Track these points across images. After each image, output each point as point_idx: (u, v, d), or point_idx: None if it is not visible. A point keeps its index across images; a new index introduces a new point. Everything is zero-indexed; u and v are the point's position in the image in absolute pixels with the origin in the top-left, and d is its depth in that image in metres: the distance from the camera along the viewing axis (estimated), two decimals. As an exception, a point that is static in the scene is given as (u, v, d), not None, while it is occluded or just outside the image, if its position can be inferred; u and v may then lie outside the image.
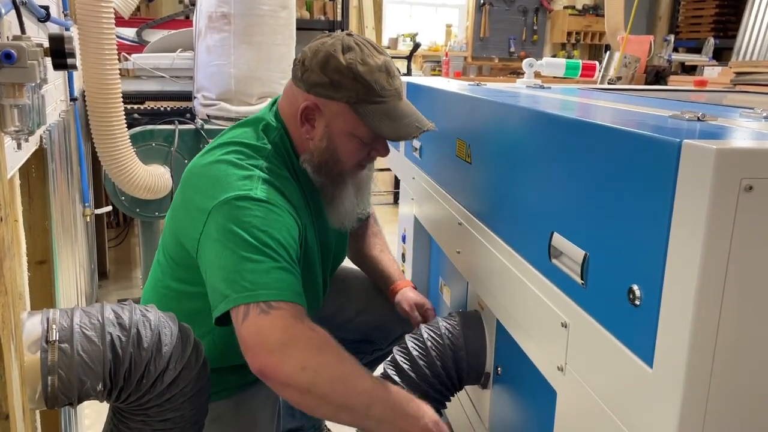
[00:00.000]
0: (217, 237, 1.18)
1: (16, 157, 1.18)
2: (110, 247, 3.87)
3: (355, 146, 1.34)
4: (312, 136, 1.35)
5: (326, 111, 1.31)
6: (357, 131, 1.32)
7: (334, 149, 1.34)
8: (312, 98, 1.31)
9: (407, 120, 1.32)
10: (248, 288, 1.13)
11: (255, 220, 1.18)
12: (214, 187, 1.24)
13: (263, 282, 1.13)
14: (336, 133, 1.33)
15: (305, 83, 1.32)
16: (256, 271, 1.14)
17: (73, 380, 1.10)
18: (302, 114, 1.33)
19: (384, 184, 5.74)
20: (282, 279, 1.15)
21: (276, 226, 1.20)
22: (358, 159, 1.38)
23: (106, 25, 2.12)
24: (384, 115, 1.30)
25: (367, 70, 1.28)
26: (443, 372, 1.45)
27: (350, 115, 1.30)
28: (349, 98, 1.29)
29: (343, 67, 1.27)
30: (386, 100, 1.30)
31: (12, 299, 0.89)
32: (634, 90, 2.23)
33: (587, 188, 0.89)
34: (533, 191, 1.09)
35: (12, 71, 0.88)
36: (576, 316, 0.91)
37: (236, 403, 1.51)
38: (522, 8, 7.23)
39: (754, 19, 4.07)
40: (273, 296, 1.12)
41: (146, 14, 5.03)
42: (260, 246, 1.16)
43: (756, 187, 0.65)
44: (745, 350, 0.69)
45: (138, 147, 2.62)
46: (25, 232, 1.40)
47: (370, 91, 1.28)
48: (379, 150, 1.39)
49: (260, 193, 1.21)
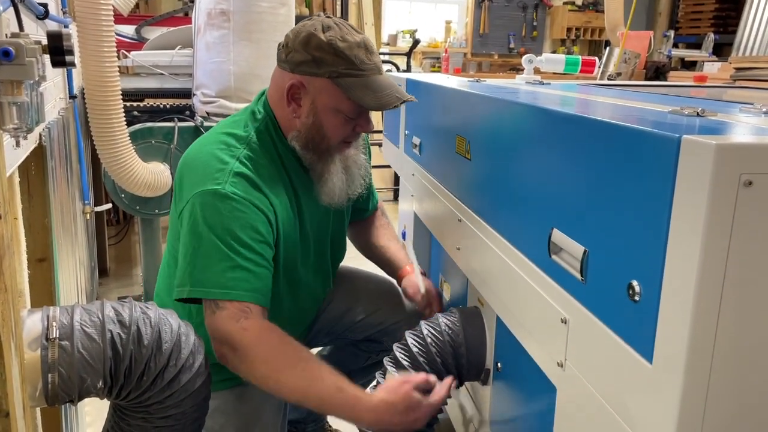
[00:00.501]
0: (188, 229, 1.31)
1: (15, 154, 1.18)
2: (110, 244, 3.87)
3: (339, 121, 1.40)
4: (299, 114, 1.41)
5: (311, 88, 1.37)
6: (340, 106, 1.38)
7: (320, 125, 1.40)
8: (297, 77, 1.38)
9: (388, 91, 1.38)
10: (204, 284, 1.28)
11: (218, 218, 1.28)
12: (191, 178, 1.35)
13: (216, 281, 1.27)
14: (321, 108, 1.38)
15: (289, 64, 1.38)
16: (212, 269, 1.27)
17: (73, 378, 1.10)
18: (288, 93, 1.39)
19: (384, 180, 5.74)
20: (234, 278, 1.27)
21: (238, 223, 1.29)
22: (344, 134, 1.43)
23: (105, 22, 2.11)
24: (365, 87, 1.36)
25: (347, 46, 1.34)
26: (443, 368, 1.45)
27: (333, 90, 1.36)
28: (331, 73, 1.35)
29: (324, 44, 1.33)
30: (366, 74, 1.36)
31: (12, 297, 0.89)
32: (634, 86, 2.23)
33: (587, 184, 0.89)
34: (533, 187, 1.09)
35: (10, 68, 0.88)
36: (576, 312, 0.91)
37: (238, 395, 1.52)
38: (521, 4, 7.22)
39: (754, 14, 4.07)
40: (223, 295, 1.27)
41: (145, 11, 5.03)
42: (221, 245, 1.27)
43: (755, 183, 0.65)
44: (745, 345, 0.69)
45: (137, 144, 2.62)
46: (25, 229, 1.40)
47: (350, 65, 1.34)
48: (362, 125, 1.44)
49: (228, 188, 1.30)
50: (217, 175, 1.32)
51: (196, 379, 1.21)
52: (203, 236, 1.28)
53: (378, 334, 1.74)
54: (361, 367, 1.83)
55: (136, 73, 3.16)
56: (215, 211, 1.29)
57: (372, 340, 1.76)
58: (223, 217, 1.28)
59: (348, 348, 1.82)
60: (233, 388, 1.52)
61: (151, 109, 3.03)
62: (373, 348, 1.79)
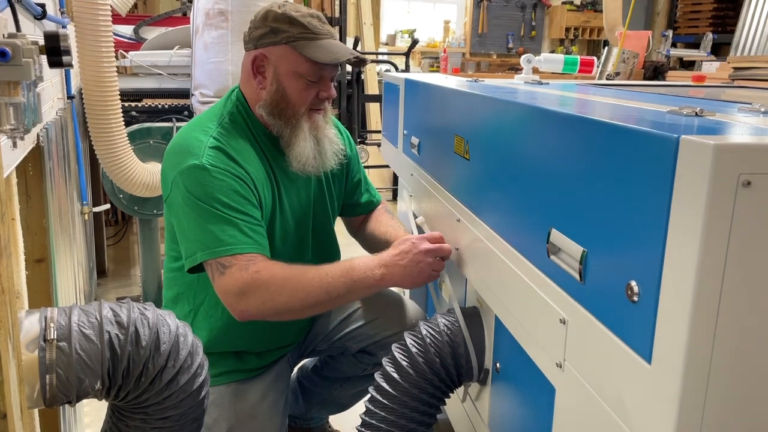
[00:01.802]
0: (180, 205, 1.40)
1: (12, 155, 1.18)
2: (109, 245, 3.87)
3: (301, 85, 1.49)
4: (264, 85, 1.51)
5: (272, 57, 1.49)
6: (300, 69, 1.48)
7: (284, 91, 1.49)
8: (259, 51, 1.49)
9: (342, 49, 1.49)
10: (208, 246, 1.36)
11: (203, 188, 1.38)
12: (172, 160, 1.45)
13: (220, 239, 1.36)
14: (283, 74, 1.49)
15: (252, 41, 1.50)
16: (212, 233, 1.36)
17: (71, 379, 1.10)
18: (253, 66, 1.50)
19: (383, 180, 5.74)
20: (232, 234, 1.37)
21: (222, 191, 1.38)
22: (307, 98, 1.51)
23: (103, 22, 2.11)
24: (320, 47, 1.47)
25: (300, 15, 1.47)
26: (442, 369, 1.45)
27: (292, 54, 1.47)
28: (288, 38, 1.46)
29: (279, 15, 1.47)
30: (320, 37, 1.48)
31: (9, 298, 0.89)
32: (633, 85, 2.23)
33: (585, 184, 0.89)
34: (531, 187, 1.09)
35: (6, 69, 0.88)
36: (574, 313, 0.91)
37: (234, 391, 1.54)
38: (520, 4, 7.22)
39: (752, 14, 4.07)
40: (226, 252, 1.36)
41: (143, 11, 5.03)
42: (213, 210, 1.37)
43: (754, 183, 0.65)
44: (743, 345, 0.69)
45: (136, 144, 2.62)
46: (23, 230, 1.40)
47: (305, 30, 1.46)
48: (325, 90, 1.53)
49: (206, 160, 1.40)
50: (195, 151, 1.41)
51: (195, 380, 1.21)
52: (195, 207, 1.38)
53: (373, 347, 1.73)
54: (358, 376, 1.83)
55: (134, 73, 3.16)
56: (198, 183, 1.38)
57: (367, 352, 1.75)
58: (207, 186, 1.38)
59: (345, 357, 1.81)
60: (230, 383, 1.54)
61: (149, 109, 3.02)
62: (368, 360, 1.78)
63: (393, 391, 1.44)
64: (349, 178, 1.77)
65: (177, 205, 1.42)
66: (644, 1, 6.88)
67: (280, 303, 1.36)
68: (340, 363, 1.83)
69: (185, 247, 1.41)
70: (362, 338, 1.73)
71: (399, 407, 1.43)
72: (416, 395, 1.43)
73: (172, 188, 1.43)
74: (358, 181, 1.80)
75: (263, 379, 1.60)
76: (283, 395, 1.64)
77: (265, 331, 1.58)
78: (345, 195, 1.77)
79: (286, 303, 1.36)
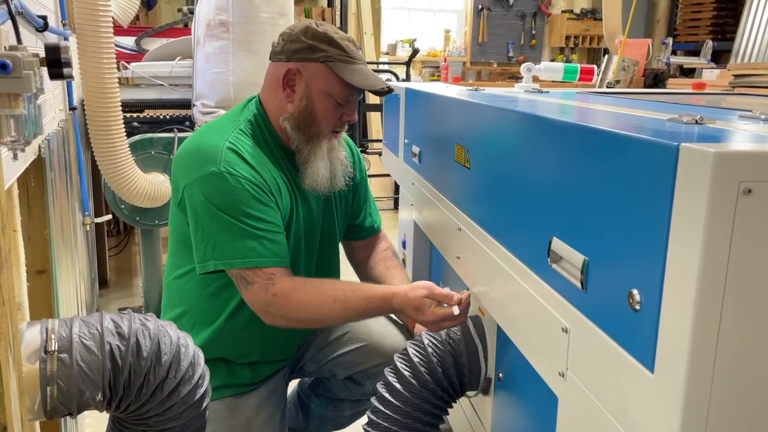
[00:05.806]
0: (199, 211, 1.41)
1: (13, 167, 1.18)
2: (110, 255, 3.87)
3: (330, 106, 1.50)
4: (292, 99, 1.51)
5: (306, 72, 1.49)
6: (332, 90, 1.49)
7: (312, 108, 1.50)
8: (293, 64, 1.49)
9: (375, 78, 1.52)
10: (227, 256, 1.39)
11: (223, 197, 1.39)
12: (186, 163, 1.45)
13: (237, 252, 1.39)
14: (315, 91, 1.49)
15: (286, 53, 1.50)
16: (231, 243, 1.39)
17: (72, 390, 1.09)
18: (284, 79, 1.50)
19: (384, 189, 5.74)
20: (251, 247, 1.39)
21: (243, 199, 1.39)
22: (332, 120, 1.53)
23: (105, 34, 2.12)
24: (355, 72, 1.49)
25: (339, 37, 1.50)
26: (445, 378, 1.45)
27: (327, 74, 1.48)
28: (326, 58, 1.47)
29: (320, 33, 1.48)
30: (356, 62, 1.50)
31: (10, 309, 0.89)
32: (633, 93, 2.23)
33: (586, 193, 0.89)
34: (532, 196, 1.09)
35: (7, 81, 0.88)
36: (576, 321, 0.91)
37: (229, 406, 1.53)
38: (520, 13, 7.25)
39: (752, 21, 4.08)
40: (244, 264, 1.39)
41: (145, 23, 5.05)
42: (233, 221, 1.38)
43: (755, 191, 0.64)
44: (746, 354, 0.69)
45: (137, 155, 2.62)
46: (25, 241, 1.40)
47: (342, 52, 1.48)
48: (349, 114, 1.55)
49: (224, 167, 1.40)
50: (212, 156, 1.41)
51: (196, 391, 1.21)
52: (213, 216, 1.39)
53: (360, 375, 1.70)
54: (350, 400, 1.81)
55: (135, 84, 3.17)
56: (217, 192, 1.39)
57: (354, 380, 1.73)
58: (226, 195, 1.39)
59: (336, 380, 1.78)
60: (224, 398, 1.53)
61: (150, 119, 3.03)
62: (357, 390, 1.75)
63: (395, 401, 1.43)
64: (356, 199, 1.76)
65: (193, 211, 1.41)
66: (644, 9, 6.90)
67: (302, 320, 1.45)
68: (332, 385, 1.80)
69: (199, 252, 1.41)
70: (348, 365, 1.69)
71: (402, 417, 1.42)
72: (419, 405, 1.43)
73: (186, 193, 1.42)
74: (365, 203, 1.80)
75: (258, 394, 1.59)
76: (278, 410, 1.63)
77: (258, 345, 1.57)
78: (350, 216, 1.77)
79: (304, 322, 1.47)
